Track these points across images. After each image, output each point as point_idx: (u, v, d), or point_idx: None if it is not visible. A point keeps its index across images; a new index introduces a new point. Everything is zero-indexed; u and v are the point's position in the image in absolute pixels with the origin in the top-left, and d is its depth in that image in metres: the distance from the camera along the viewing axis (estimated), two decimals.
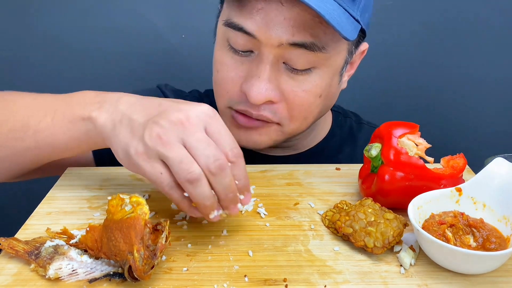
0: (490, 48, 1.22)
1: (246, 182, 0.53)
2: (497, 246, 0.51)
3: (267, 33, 0.64)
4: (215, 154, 0.50)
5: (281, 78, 0.68)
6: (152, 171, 0.51)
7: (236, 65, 0.70)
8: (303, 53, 0.65)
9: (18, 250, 0.52)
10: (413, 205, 0.53)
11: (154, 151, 0.50)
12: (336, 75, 0.72)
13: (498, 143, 1.30)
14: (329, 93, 0.73)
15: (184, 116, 0.50)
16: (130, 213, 0.49)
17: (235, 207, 0.53)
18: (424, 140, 0.61)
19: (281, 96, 0.69)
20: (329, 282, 0.49)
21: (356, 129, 0.90)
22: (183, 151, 0.49)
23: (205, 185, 0.50)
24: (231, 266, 0.51)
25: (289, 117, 0.71)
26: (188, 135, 0.50)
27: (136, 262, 0.46)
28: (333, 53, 0.68)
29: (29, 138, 0.62)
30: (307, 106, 0.71)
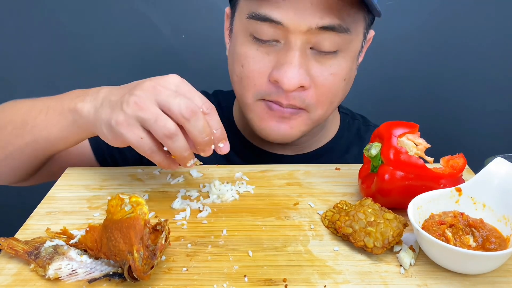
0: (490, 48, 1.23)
1: (223, 130, 0.59)
2: (497, 246, 0.51)
3: (295, 20, 0.65)
4: (186, 102, 0.55)
5: (309, 63, 0.69)
6: (133, 137, 0.56)
7: (262, 56, 0.70)
8: (331, 35, 0.67)
9: (17, 250, 0.52)
10: (413, 205, 0.53)
11: (133, 117, 0.55)
12: (355, 59, 0.74)
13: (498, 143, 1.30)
14: (350, 78, 0.75)
15: (155, 82, 0.56)
16: (129, 213, 0.49)
17: (209, 149, 0.58)
18: (424, 140, 0.61)
19: (311, 81, 0.70)
20: (329, 282, 0.49)
21: (364, 131, 0.91)
22: (158, 110, 0.55)
23: (182, 138, 0.56)
24: (231, 266, 0.51)
25: (316, 103, 0.72)
26: (160, 95, 0.55)
27: (135, 262, 0.46)
28: (354, 35, 0.70)
29: (27, 133, 0.68)
30: (334, 90, 0.72)
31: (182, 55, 1.25)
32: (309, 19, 0.65)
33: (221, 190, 0.65)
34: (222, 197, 0.64)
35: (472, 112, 1.29)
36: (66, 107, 0.65)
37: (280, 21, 0.66)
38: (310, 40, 0.67)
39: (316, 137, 0.85)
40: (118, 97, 0.58)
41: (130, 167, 0.74)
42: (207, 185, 0.67)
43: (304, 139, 0.83)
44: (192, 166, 0.59)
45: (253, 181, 0.69)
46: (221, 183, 0.67)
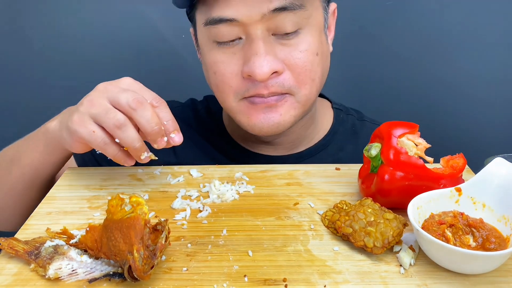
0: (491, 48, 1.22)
1: (174, 122, 0.61)
2: (497, 246, 0.51)
3: (247, 11, 0.67)
4: (133, 95, 0.58)
5: (276, 48, 0.70)
6: (86, 131, 0.59)
7: (229, 57, 0.72)
8: (286, 16, 0.68)
9: (18, 250, 0.52)
10: (412, 205, 0.53)
11: (86, 114, 0.59)
12: (322, 32, 0.75)
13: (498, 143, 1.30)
14: (323, 52, 0.75)
15: (108, 83, 0.61)
16: (130, 213, 0.49)
17: (161, 140, 0.60)
18: (423, 140, 0.61)
19: (283, 65, 0.71)
20: (329, 282, 0.49)
21: (359, 126, 0.90)
22: (108, 105, 0.59)
23: (132, 129, 0.58)
24: (231, 266, 0.51)
25: (298, 84, 0.72)
26: (111, 92, 0.59)
27: (136, 262, 0.46)
28: (312, 9, 0.71)
29: (15, 167, 0.73)
30: (310, 66, 0.72)
31: (182, 55, 1.25)
32: (260, 6, 0.66)
33: (221, 190, 0.65)
34: (222, 197, 0.64)
35: (472, 112, 1.29)
36: (40, 131, 0.70)
37: (233, 18, 0.68)
38: (269, 26, 0.69)
39: (307, 132, 0.85)
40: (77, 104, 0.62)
41: (130, 167, 0.73)
42: (207, 185, 0.67)
43: (295, 135, 0.83)
44: (147, 160, 0.61)
45: (253, 181, 0.69)
46: (221, 183, 0.67)
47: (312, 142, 0.86)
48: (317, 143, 0.86)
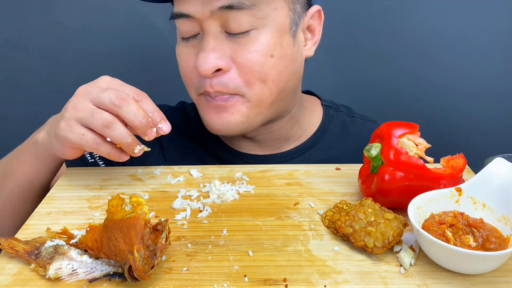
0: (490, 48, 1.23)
1: (160, 112, 0.62)
2: (497, 246, 0.51)
3: (198, 7, 0.69)
4: (115, 92, 0.59)
5: (226, 46, 0.71)
6: (75, 136, 0.60)
7: (189, 51, 0.74)
8: (236, 14, 0.68)
9: (18, 250, 0.52)
10: (413, 205, 0.53)
11: (72, 119, 0.60)
12: (285, 35, 0.72)
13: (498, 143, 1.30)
14: (284, 54, 0.73)
15: (87, 85, 0.62)
16: (130, 213, 0.49)
17: (151, 132, 0.61)
18: (424, 140, 0.61)
19: (230, 63, 0.71)
20: (329, 282, 0.49)
21: (349, 122, 0.89)
22: (92, 106, 0.59)
23: (120, 125, 0.59)
24: (231, 266, 0.51)
25: (245, 84, 0.72)
26: (93, 93, 0.60)
27: (136, 262, 0.46)
28: (269, 10, 0.70)
29: (8, 180, 0.73)
30: (259, 67, 0.71)
31: None
32: (210, 3, 0.68)
33: (221, 190, 0.65)
34: (222, 197, 0.64)
35: (472, 112, 1.29)
36: (29, 144, 0.71)
37: (188, 13, 0.70)
38: (220, 24, 0.70)
39: (291, 131, 0.84)
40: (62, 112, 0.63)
41: (130, 167, 0.74)
42: (207, 185, 0.67)
43: (277, 134, 0.83)
44: (141, 152, 0.62)
45: (253, 181, 0.69)
46: (221, 183, 0.67)
47: (301, 140, 0.86)
48: (306, 141, 0.86)
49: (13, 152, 0.75)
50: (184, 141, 0.87)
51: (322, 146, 0.86)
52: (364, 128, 0.89)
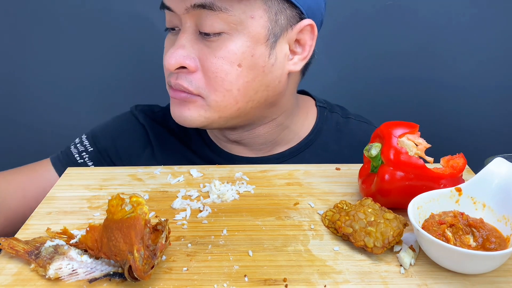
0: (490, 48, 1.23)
1: None
2: (497, 246, 0.51)
3: (176, 2, 0.70)
4: None
5: (197, 46, 0.71)
6: None
7: (169, 43, 0.75)
8: (208, 14, 0.68)
9: (18, 250, 0.52)
10: (413, 205, 0.53)
11: None
12: (258, 45, 0.70)
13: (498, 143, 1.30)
14: (254, 65, 0.71)
15: None
16: (130, 213, 0.49)
17: None
18: (424, 140, 0.61)
19: (196, 64, 0.71)
20: (329, 282, 0.49)
21: (343, 123, 0.88)
22: None
23: None
24: (231, 266, 0.51)
25: (208, 88, 0.71)
26: None
27: (136, 262, 0.46)
28: (244, 17, 0.68)
29: None
30: (223, 74, 0.70)
31: None
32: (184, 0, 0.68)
33: (221, 190, 0.65)
34: (222, 197, 0.64)
35: (472, 112, 1.29)
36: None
37: (168, 5, 0.71)
38: (195, 22, 0.70)
39: (280, 136, 0.83)
40: None
41: (130, 167, 0.74)
42: (207, 185, 0.67)
43: (263, 139, 0.82)
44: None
45: (253, 181, 0.69)
46: (221, 183, 0.67)
47: (294, 142, 0.85)
48: (300, 142, 0.85)
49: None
50: (176, 143, 0.87)
51: (316, 147, 0.85)
52: (359, 129, 0.88)
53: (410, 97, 1.29)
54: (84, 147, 0.86)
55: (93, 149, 0.86)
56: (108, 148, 0.86)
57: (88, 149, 0.86)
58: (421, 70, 1.26)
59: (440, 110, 1.30)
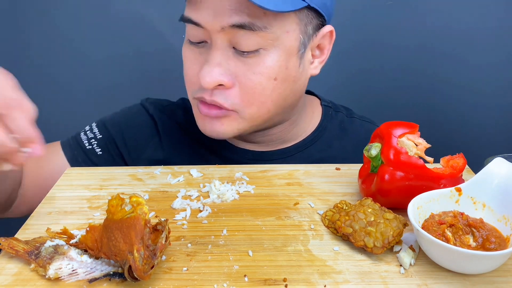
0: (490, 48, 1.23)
1: (27, 133, 0.50)
2: (497, 246, 0.51)
3: (210, 19, 0.68)
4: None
5: (232, 62, 0.70)
6: None
7: (195, 56, 0.73)
8: (246, 33, 0.67)
9: (18, 250, 0.52)
10: (412, 205, 0.53)
11: None
12: (292, 57, 0.72)
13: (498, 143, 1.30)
14: (288, 76, 0.73)
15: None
16: (130, 213, 0.49)
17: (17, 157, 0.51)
18: (423, 140, 0.61)
19: (233, 80, 0.71)
20: (329, 282, 0.49)
21: (347, 122, 0.90)
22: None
23: None
24: (231, 266, 0.51)
25: (243, 103, 0.72)
26: None
27: (136, 262, 0.46)
28: (280, 32, 0.69)
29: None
30: (260, 89, 0.71)
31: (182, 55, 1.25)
32: (221, 19, 0.67)
33: (221, 190, 0.65)
34: (222, 197, 0.64)
35: (472, 112, 1.29)
36: None
37: (198, 22, 0.69)
38: (230, 39, 0.69)
39: (290, 133, 0.85)
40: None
41: (130, 167, 0.74)
42: (207, 185, 0.67)
43: (275, 136, 0.83)
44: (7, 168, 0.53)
45: (253, 181, 0.69)
46: (221, 183, 0.67)
47: (299, 138, 0.86)
48: (305, 139, 0.86)
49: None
50: (184, 135, 0.88)
51: (321, 144, 0.86)
52: (362, 128, 0.90)
53: (410, 97, 1.29)
54: (93, 134, 0.87)
55: (102, 137, 0.87)
56: (115, 136, 0.87)
57: (97, 136, 0.87)
58: (421, 70, 1.26)
59: (440, 110, 1.30)
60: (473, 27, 1.21)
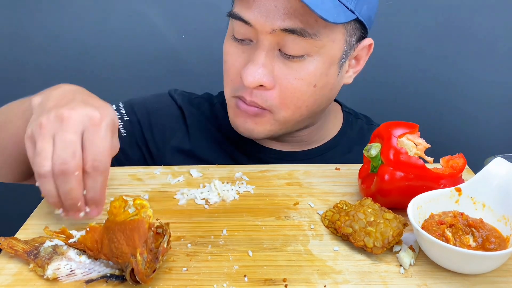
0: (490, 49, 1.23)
1: (95, 195, 0.54)
2: (497, 246, 0.51)
3: (261, 20, 0.68)
4: (65, 158, 0.51)
5: (275, 64, 0.71)
6: (29, 154, 0.54)
7: (238, 53, 0.74)
8: (295, 38, 0.68)
9: (17, 250, 0.52)
10: (412, 205, 0.53)
11: (33, 138, 0.53)
12: (333, 65, 0.73)
13: (498, 143, 1.30)
14: (326, 84, 0.74)
15: (68, 114, 0.53)
16: (133, 216, 0.49)
17: (75, 214, 0.55)
18: (423, 140, 0.61)
19: (274, 82, 0.72)
20: (329, 282, 0.49)
21: (367, 129, 0.92)
22: (47, 145, 0.52)
23: (50, 184, 0.52)
24: (231, 266, 0.51)
25: (280, 105, 0.73)
26: (59, 133, 0.52)
27: (139, 265, 0.46)
28: (327, 40, 0.70)
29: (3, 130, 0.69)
30: (299, 94, 0.72)
31: (182, 55, 1.25)
32: (273, 21, 0.67)
33: (218, 189, 0.65)
34: (223, 197, 0.64)
35: (472, 112, 1.29)
36: (28, 103, 0.64)
37: (248, 20, 0.69)
38: (278, 41, 0.69)
39: (316, 137, 0.86)
40: (50, 105, 0.56)
41: (130, 167, 0.74)
42: (207, 185, 0.67)
43: (300, 138, 0.85)
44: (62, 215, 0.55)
45: (253, 181, 0.69)
46: (221, 183, 0.67)
47: (322, 141, 0.88)
48: (326, 143, 0.88)
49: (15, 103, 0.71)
50: (210, 129, 0.89)
51: (341, 149, 0.88)
52: None
53: (410, 97, 1.29)
54: (120, 114, 0.87)
55: (129, 119, 0.87)
56: (141, 120, 0.87)
57: (124, 117, 0.87)
58: (421, 70, 1.26)
59: (440, 110, 1.30)
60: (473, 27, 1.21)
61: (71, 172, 0.51)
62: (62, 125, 0.52)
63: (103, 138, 0.53)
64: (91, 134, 0.53)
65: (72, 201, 0.53)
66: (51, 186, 0.52)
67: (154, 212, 0.61)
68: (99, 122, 0.53)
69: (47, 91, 0.62)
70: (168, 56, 1.26)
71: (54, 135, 0.52)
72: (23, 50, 1.26)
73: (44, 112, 0.54)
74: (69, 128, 0.52)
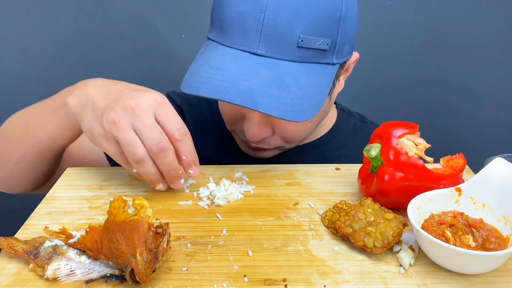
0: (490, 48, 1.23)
1: (193, 157, 0.62)
2: (497, 246, 0.51)
3: None
4: (158, 137, 0.58)
5: (271, 118, 0.73)
6: (112, 151, 0.60)
7: None
8: None
9: (17, 250, 0.52)
10: (412, 205, 0.53)
11: (110, 134, 0.58)
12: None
13: (498, 143, 1.30)
14: (321, 113, 0.77)
15: (135, 103, 0.58)
16: (133, 216, 0.49)
17: (178, 182, 0.63)
18: (423, 140, 0.61)
19: (273, 130, 0.76)
20: (329, 282, 0.49)
21: (360, 126, 0.93)
22: (132, 134, 0.57)
23: (149, 165, 0.59)
24: (231, 266, 0.51)
25: (285, 143, 0.79)
26: (137, 121, 0.57)
27: (138, 266, 0.46)
28: None
29: (29, 136, 0.72)
30: (297, 133, 0.77)
31: (182, 55, 1.25)
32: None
33: (228, 190, 0.65)
34: (228, 197, 0.64)
35: (472, 112, 1.29)
36: (57, 104, 0.68)
37: None
38: None
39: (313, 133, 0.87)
40: (101, 103, 0.61)
41: None
42: (208, 185, 0.67)
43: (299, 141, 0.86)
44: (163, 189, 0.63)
45: (253, 181, 0.69)
46: (230, 183, 0.67)
47: (316, 136, 0.89)
48: (321, 137, 0.89)
49: (36, 107, 0.74)
50: (209, 127, 0.90)
51: (335, 143, 0.89)
52: None
53: (410, 97, 1.29)
54: None
55: None
56: None
57: None
58: (421, 70, 1.26)
59: (440, 110, 1.30)
60: (474, 28, 1.21)
61: (168, 147, 0.59)
62: (135, 114, 0.58)
63: (172, 111, 0.60)
64: (162, 111, 0.59)
65: (175, 171, 0.61)
66: (151, 166, 0.59)
67: (154, 212, 0.62)
68: (161, 100, 0.60)
69: (77, 90, 0.66)
70: (168, 56, 1.26)
71: (132, 125, 0.57)
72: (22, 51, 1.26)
73: (106, 111, 0.59)
74: (144, 114, 0.58)
